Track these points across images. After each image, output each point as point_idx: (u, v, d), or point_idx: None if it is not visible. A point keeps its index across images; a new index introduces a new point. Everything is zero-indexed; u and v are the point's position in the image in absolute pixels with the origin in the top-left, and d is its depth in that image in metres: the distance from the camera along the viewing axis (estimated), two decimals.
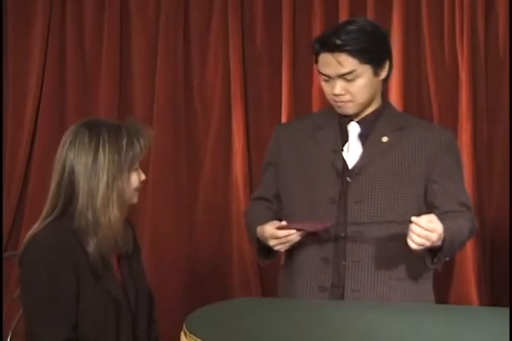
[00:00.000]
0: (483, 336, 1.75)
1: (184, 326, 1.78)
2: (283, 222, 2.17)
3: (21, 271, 2.00)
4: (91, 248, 1.99)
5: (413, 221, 2.01)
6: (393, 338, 1.73)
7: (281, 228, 2.15)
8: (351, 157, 2.26)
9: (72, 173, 2.00)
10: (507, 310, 1.90)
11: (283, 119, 3.41)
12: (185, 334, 1.75)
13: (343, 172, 2.24)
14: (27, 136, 3.62)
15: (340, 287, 2.22)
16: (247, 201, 3.29)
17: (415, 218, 2.01)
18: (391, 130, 2.27)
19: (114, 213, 2.00)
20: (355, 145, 2.27)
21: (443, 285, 3.18)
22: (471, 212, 2.28)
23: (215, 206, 3.56)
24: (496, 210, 3.30)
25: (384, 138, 2.26)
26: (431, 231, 2.01)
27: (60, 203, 2.01)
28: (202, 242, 3.56)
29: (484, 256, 3.28)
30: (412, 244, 2.02)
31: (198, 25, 3.58)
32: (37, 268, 1.95)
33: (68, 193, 2.01)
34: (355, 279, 2.21)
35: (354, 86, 2.20)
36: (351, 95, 2.21)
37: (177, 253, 3.54)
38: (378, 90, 2.27)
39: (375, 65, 2.21)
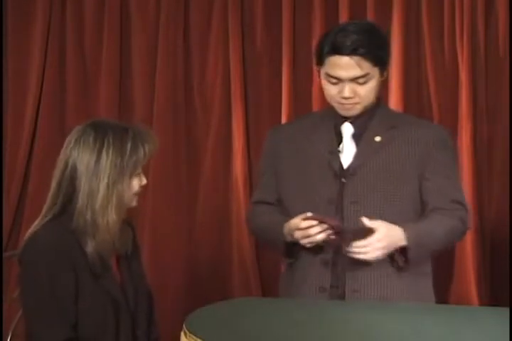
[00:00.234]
0: (483, 336, 1.75)
1: (184, 326, 1.78)
2: (308, 213, 2.13)
3: (21, 270, 2.00)
4: (89, 249, 1.99)
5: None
6: (393, 338, 1.73)
7: (305, 219, 2.12)
8: (346, 157, 2.26)
9: (74, 172, 2.00)
10: (507, 310, 1.90)
11: (283, 119, 3.41)
12: (185, 334, 1.75)
13: (340, 173, 2.24)
14: (27, 136, 3.61)
15: (339, 287, 2.22)
16: (247, 201, 3.29)
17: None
18: (384, 129, 2.27)
19: (112, 216, 2.00)
20: (349, 145, 2.27)
21: (443, 285, 3.17)
22: (465, 210, 2.27)
23: (215, 206, 3.55)
24: (496, 210, 3.30)
25: (377, 137, 2.26)
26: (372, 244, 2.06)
27: (60, 201, 2.01)
28: (202, 242, 3.55)
29: (484, 256, 3.27)
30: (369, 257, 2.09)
31: (198, 25, 3.57)
32: (36, 267, 1.95)
33: (69, 192, 2.01)
34: (354, 279, 2.21)
35: (364, 89, 2.20)
36: (359, 98, 2.21)
37: (177, 253, 3.54)
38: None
39: (382, 67, 2.22)
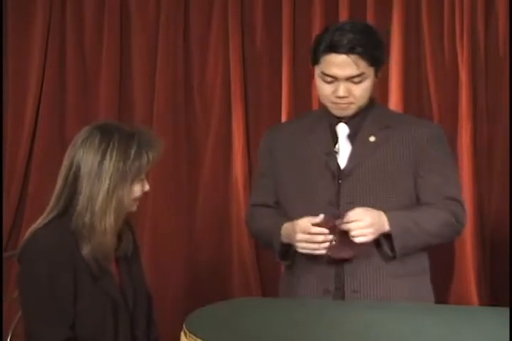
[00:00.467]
0: (483, 336, 1.75)
1: (184, 326, 1.78)
2: (321, 215, 2.13)
3: (20, 269, 2.01)
4: (84, 251, 1.99)
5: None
6: (393, 338, 1.73)
7: (316, 225, 2.12)
8: (342, 158, 2.26)
9: (78, 171, 2.00)
10: (507, 310, 1.90)
11: (283, 119, 3.40)
12: (185, 334, 1.75)
13: (338, 173, 2.24)
14: (27, 136, 3.61)
15: (340, 289, 2.22)
16: (247, 201, 3.28)
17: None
18: (378, 129, 2.27)
19: (110, 219, 2.00)
20: (344, 146, 2.27)
21: (443, 285, 3.18)
22: (461, 206, 2.26)
23: (215, 206, 3.55)
24: (496, 210, 3.29)
25: (371, 137, 2.26)
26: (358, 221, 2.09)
27: (62, 202, 2.02)
28: (202, 243, 3.55)
29: (484, 256, 3.27)
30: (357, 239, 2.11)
31: (198, 25, 3.57)
32: (36, 267, 1.95)
33: (71, 193, 2.01)
34: (354, 279, 2.21)
35: (359, 88, 2.20)
36: (354, 97, 2.21)
37: (177, 253, 3.54)
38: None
39: (377, 68, 2.22)
